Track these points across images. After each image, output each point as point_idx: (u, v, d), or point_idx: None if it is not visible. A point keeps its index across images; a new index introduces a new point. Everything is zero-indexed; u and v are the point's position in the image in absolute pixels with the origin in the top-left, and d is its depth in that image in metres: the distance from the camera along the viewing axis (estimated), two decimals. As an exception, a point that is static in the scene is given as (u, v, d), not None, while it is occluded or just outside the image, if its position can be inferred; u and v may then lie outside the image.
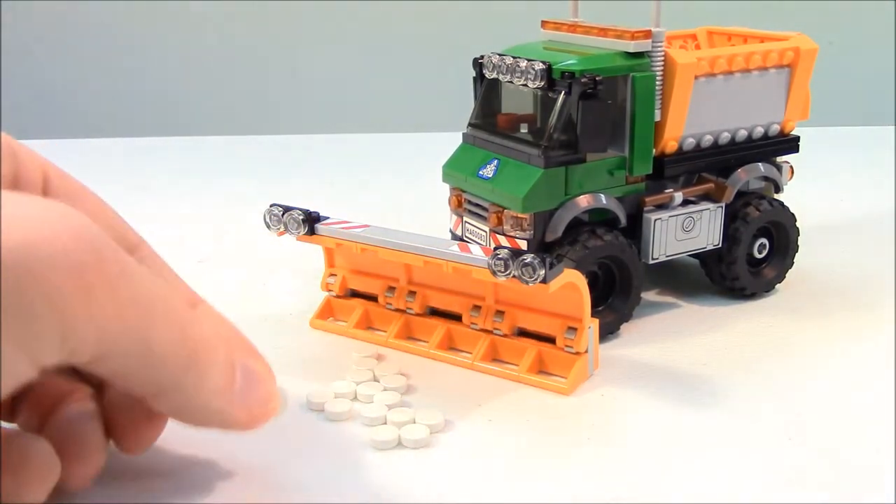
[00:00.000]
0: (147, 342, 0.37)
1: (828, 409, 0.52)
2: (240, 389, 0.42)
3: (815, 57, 0.66)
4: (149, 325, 0.37)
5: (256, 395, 0.43)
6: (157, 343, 0.37)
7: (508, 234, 0.59)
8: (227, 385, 0.41)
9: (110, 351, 0.36)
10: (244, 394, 0.42)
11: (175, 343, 0.38)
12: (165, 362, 0.38)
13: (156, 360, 0.37)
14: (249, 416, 0.43)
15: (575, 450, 0.48)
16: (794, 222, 0.69)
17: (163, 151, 1.17)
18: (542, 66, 0.58)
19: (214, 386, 0.40)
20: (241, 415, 0.42)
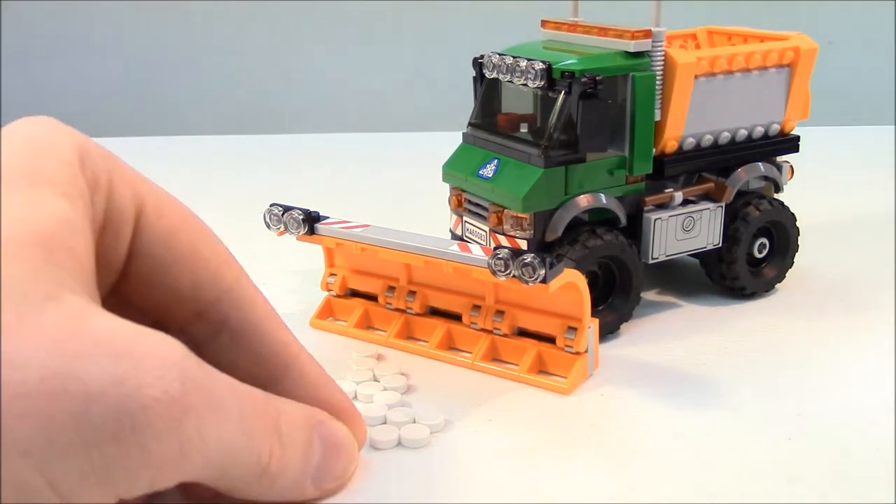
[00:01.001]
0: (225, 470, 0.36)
1: (828, 409, 0.52)
2: (316, 467, 0.41)
3: (815, 57, 0.66)
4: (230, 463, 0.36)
5: (333, 470, 0.42)
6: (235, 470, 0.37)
7: (508, 234, 0.59)
8: (303, 469, 0.40)
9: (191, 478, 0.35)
10: (320, 470, 0.41)
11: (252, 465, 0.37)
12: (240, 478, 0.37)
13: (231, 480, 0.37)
14: (322, 492, 0.42)
15: (575, 450, 0.48)
16: (794, 222, 0.68)
17: (163, 151, 1.17)
18: (542, 65, 0.58)
19: (289, 481, 0.39)
20: (314, 492, 0.41)
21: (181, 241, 0.40)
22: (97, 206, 0.37)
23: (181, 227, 0.40)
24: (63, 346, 0.31)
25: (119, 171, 0.38)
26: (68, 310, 0.32)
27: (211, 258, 0.40)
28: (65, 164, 0.35)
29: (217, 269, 0.41)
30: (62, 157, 0.36)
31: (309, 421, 0.41)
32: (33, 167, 0.35)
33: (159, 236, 0.39)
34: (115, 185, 0.38)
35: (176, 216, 0.40)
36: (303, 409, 0.41)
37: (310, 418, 0.41)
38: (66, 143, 0.37)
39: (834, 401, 0.53)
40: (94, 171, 0.37)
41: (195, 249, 0.40)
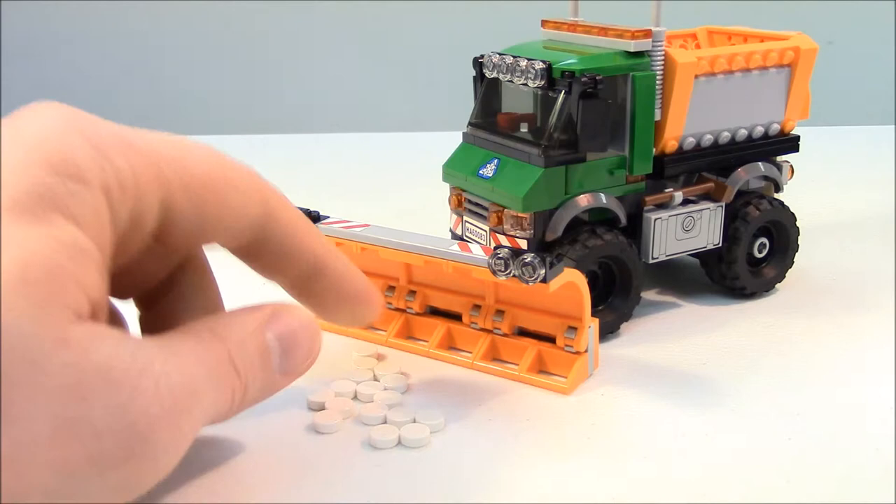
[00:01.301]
0: None
1: (828, 410, 0.52)
2: (279, 363, 0.43)
3: (815, 57, 0.66)
4: (208, 419, 0.40)
5: (297, 356, 0.44)
6: None
7: (508, 234, 0.59)
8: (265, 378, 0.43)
9: None
10: (284, 363, 0.44)
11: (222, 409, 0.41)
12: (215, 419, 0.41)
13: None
14: (295, 375, 0.45)
15: (575, 450, 0.48)
16: (794, 222, 0.68)
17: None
18: (542, 65, 0.58)
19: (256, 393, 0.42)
20: (286, 382, 0.44)
21: (208, 206, 0.41)
22: (120, 212, 0.37)
23: (207, 193, 0.41)
24: (69, 392, 0.33)
25: (141, 160, 0.38)
26: (73, 349, 0.33)
27: (237, 204, 0.42)
28: (77, 179, 0.36)
29: (244, 210, 0.43)
30: (74, 171, 0.36)
31: (258, 329, 0.42)
32: (43, 190, 0.35)
33: (188, 211, 0.40)
34: (139, 183, 0.38)
35: (200, 182, 0.41)
36: (249, 321, 0.43)
37: (258, 325, 0.43)
38: (79, 148, 0.36)
39: (834, 401, 0.53)
40: (117, 174, 0.37)
41: (222, 205, 0.42)
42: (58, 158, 0.36)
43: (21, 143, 0.36)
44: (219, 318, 0.42)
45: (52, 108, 0.39)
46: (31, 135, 0.37)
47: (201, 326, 0.41)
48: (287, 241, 0.45)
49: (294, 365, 0.44)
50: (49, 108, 0.39)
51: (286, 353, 0.44)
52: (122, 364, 0.35)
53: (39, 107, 0.39)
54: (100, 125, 0.38)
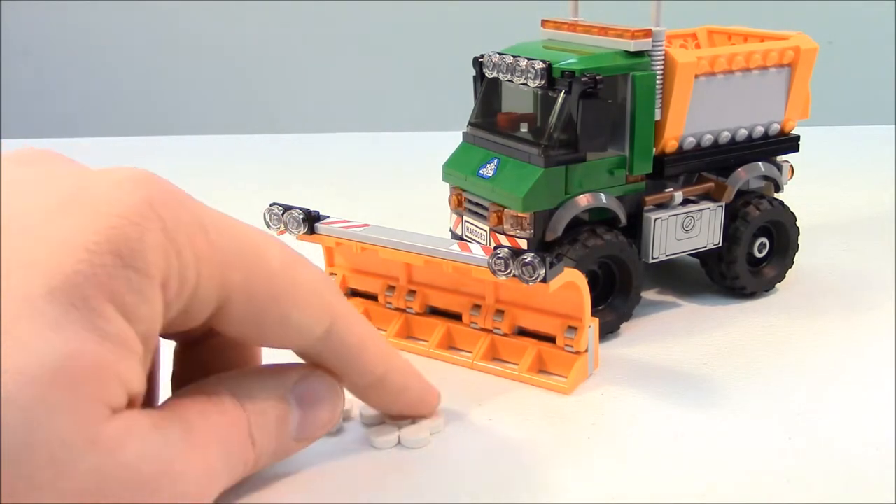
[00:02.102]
0: None
1: (828, 410, 0.52)
2: (296, 428, 0.43)
3: (815, 56, 0.66)
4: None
5: (316, 422, 0.44)
6: None
7: (508, 234, 0.59)
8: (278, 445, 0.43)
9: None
10: (302, 427, 0.43)
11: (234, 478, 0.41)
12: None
13: None
14: (309, 442, 0.45)
15: (575, 450, 0.48)
16: (794, 222, 0.68)
17: (163, 151, 1.17)
18: (542, 65, 0.58)
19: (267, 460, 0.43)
20: (300, 447, 0.44)
21: (268, 319, 0.40)
22: (173, 304, 0.37)
23: (269, 306, 0.40)
24: (90, 495, 0.33)
25: (210, 256, 0.37)
26: (102, 450, 0.34)
27: (300, 322, 0.41)
28: (142, 273, 0.35)
29: (307, 328, 0.42)
30: (141, 265, 0.35)
31: (281, 396, 0.42)
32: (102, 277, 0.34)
33: (244, 319, 0.40)
34: (201, 280, 0.37)
35: (265, 293, 0.40)
36: (274, 386, 0.42)
37: (283, 391, 0.43)
38: (152, 235, 0.35)
39: (834, 401, 0.53)
40: (182, 268, 0.36)
41: (283, 322, 0.41)
42: (126, 246, 0.34)
43: (93, 213, 0.35)
44: (244, 380, 0.42)
45: (135, 180, 0.36)
46: (107, 214, 0.35)
47: (224, 390, 0.41)
48: (348, 361, 0.44)
49: (311, 432, 0.44)
50: (132, 179, 0.36)
51: (305, 420, 0.43)
52: (145, 466, 0.35)
53: (121, 175, 0.37)
54: (180, 206, 0.37)
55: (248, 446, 0.40)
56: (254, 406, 0.41)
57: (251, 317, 0.40)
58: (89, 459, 0.33)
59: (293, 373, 0.44)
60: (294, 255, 0.42)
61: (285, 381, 0.43)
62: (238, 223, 0.40)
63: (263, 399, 0.41)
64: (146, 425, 0.36)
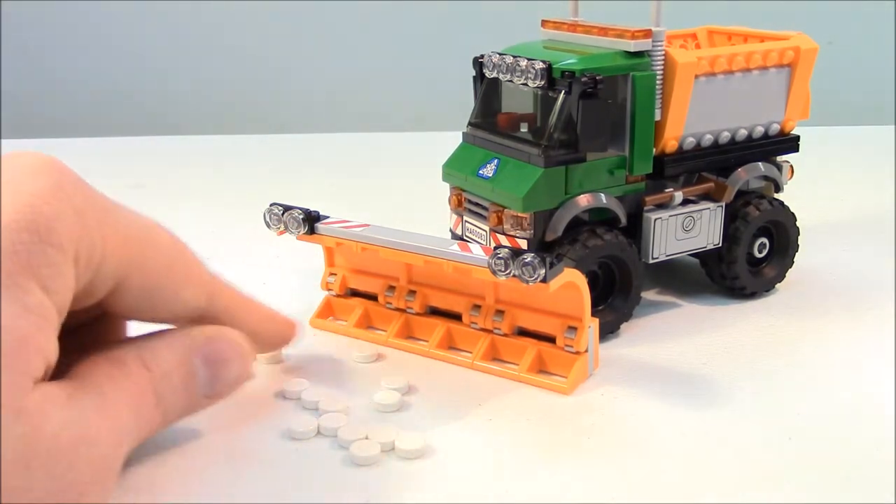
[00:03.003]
0: None
1: (828, 409, 0.52)
2: (204, 385, 0.45)
3: (815, 57, 0.66)
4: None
5: (223, 380, 0.46)
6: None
7: (508, 234, 0.59)
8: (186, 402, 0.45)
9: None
10: (210, 386, 0.46)
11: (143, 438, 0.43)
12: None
13: None
14: (218, 399, 0.47)
15: (575, 450, 0.48)
16: (794, 222, 0.68)
17: (162, 151, 1.17)
18: (542, 65, 0.58)
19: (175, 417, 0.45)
20: (209, 404, 0.46)
21: (161, 294, 0.44)
22: (80, 280, 0.39)
23: (163, 283, 0.44)
24: (17, 462, 0.35)
25: (113, 237, 0.41)
26: (28, 419, 0.35)
27: (188, 295, 0.45)
28: (57, 247, 0.37)
29: (193, 300, 0.46)
30: (56, 240, 0.37)
31: (186, 357, 0.45)
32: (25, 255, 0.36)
33: (138, 295, 0.43)
34: (105, 258, 0.40)
35: (159, 271, 0.44)
36: (179, 348, 0.45)
37: (187, 352, 0.45)
38: (65, 215, 0.38)
39: (834, 401, 0.53)
40: (91, 246, 0.39)
41: (174, 296, 0.45)
42: (43, 224, 0.37)
43: (10, 200, 0.37)
44: (150, 343, 0.44)
45: (44, 164, 0.40)
46: (22, 194, 0.38)
47: (132, 356, 0.43)
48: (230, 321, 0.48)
49: (219, 390, 0.46)
50: (41, 164, 0.40)
51: (213, 379, 0.46)
52: (65, 435, 0.37)
53: (31, 160, 0.40)
54: (87, 192, 0.40)
55: (153, 405, 0.43)
56: (159, 368, 0.43)
57: (146, 292, 0.43)
58: (16, 430, 0.35)
59: (198, 334, 0.46)
60: (177, 238, 0.45)
61: (190, 342, 0.45)
62: (129, 209, 0.43)
63: (168, 360, 0.44)
64: (63, 395, 0.38)
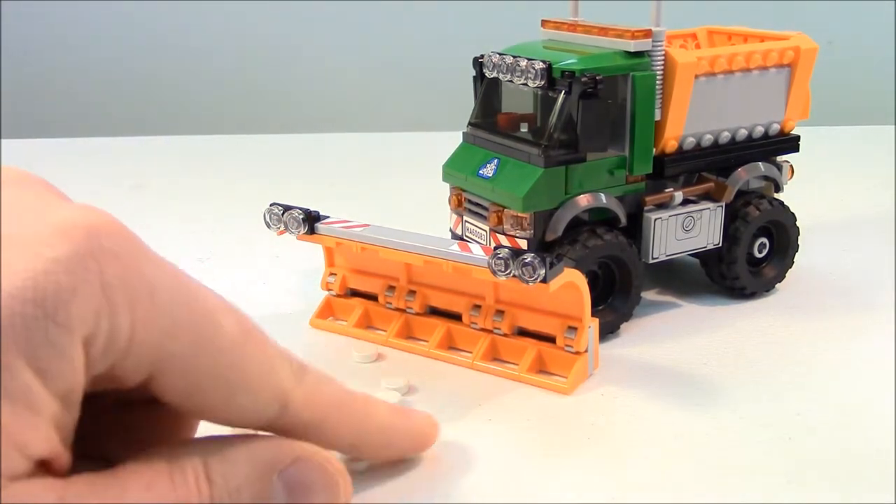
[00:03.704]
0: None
1: (828, 409, 0.52)
2: None
3: (815, 56, 0.66)
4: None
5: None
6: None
7: (508, 234, 0.59)
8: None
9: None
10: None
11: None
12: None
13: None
14: None
15: (575, 450, 0.48)
16: (794, 222, 0.68)
17: (163, 151, 1.17)
18: (542, 65, 0.58)
19: None
20: None
21: (210, 397, 0.36)
22: (98, 364, 0.33)
23: (210, 387, 0.36)
24: None
25: (149, 322, 0.34)
26: None
27: (247, 405, 0.38)
28: (63, 327, 0.31)
29: (254, 411, 0.38)
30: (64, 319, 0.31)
31: (264, 474, 0.37)
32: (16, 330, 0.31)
33: (181, 395, 0.36)
34: (132, 347, 0.33)
35: (206, 373, 0.36)
36: (258, 462, 0.38)
37: (267, 469, 0.38)
38: (84, 286, 0.32)
39: (834, 401, 0.53)
40: (112, 329, 0.33)
41: (227, 403, 0.37)
42: (54, 298, 0.31)
43: (25, 263, 0.31)
44: (221, 452, 0.37)
45: (84, 222, 0.33)
46: (42, 258, 0.32)
47: (195, 460, 0.36)
48: (308, 437, 0.40)
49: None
50: (81, 221, 0.33)
51: (294, 501, 0.38)
52: None
53: (73, 214, 0.33)
54: (129, 264, 0.33)
55: None
56: (226, 483, 0.36)
57: (189, 392, 0.36)
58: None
59: (285, 450, 0.38)
60: (250, 329, 0.38)
61: (273, 458, 0.38)
62: (196, 287, 0.36)
63: (240, 475, 0.37)
64: (50, 497, 0.32)
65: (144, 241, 0.35)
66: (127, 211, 0.48)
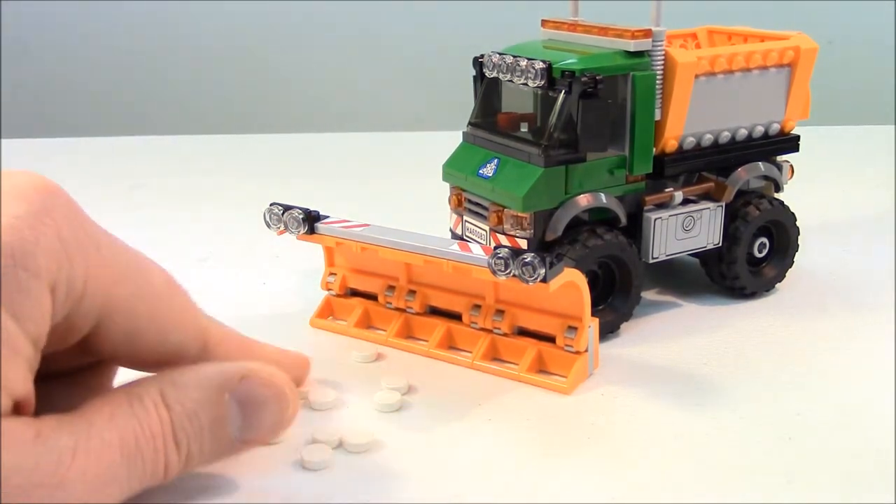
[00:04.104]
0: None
1: (828, 409, 0.52)
2: (239, 428, 0.42)
3: (815, 56, 0.66)
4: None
5: (262, 422, 0.42)
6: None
7: (508, 233, 0.59)
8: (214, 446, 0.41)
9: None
10: (246, 428, 0.42)
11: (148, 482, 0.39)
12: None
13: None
14: (257, 443, 0.43)
15: (575, 450, 0.48)
16: (794, 221, 0.68)
17: (163, 151, 1.17)
18: (542, 65, 0.58)
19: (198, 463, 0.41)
20: (246, 448, 0.43)
21: (146, 337, 0.41)
22: (58, 312, 0.37)
23: (150, 326, 0.41)
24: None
25: (99, 271, 0.38)
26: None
27: (177, 342, 0.43)
28: (33, 273, 0.35)
29: (183, 348, 0.43)
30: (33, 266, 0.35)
31: (216, 396, 0.41)
32: (6, 283, 0.35)
33: (122, 336, 0.40)
34: (86, 293, 0.38)
35: (147, 313, 0.41)
36: (208, 385, 0.41)
37: (218, 391, 0.41)
38: (46, 239, 0.36)
39: (834, 401, 0.53)
40: (71, 277, 0.37)
41: (161, 341, 0.42)
42: (20, 247, 0.35)
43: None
44: (174, 382, 0.41)
45: (36, 187, 0.38)
46: (6, 216, 0.36)
47: (152, 391, 0.40)
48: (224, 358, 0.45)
49: (256, 435, 0.42)
50: (34, 186, 0.38)
51: (248, 423, 0.42)
52: (15, 479, 0.34)
53: (24, 180, 0.38)
54: (77, 222, 0.38)
55: (172, 448, 0.39)
56: (182, 408, 0.40)
57: (130, 334, 0.40)
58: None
59: (234, 371, 0.42)
60: (171, 279, 0.43)
61: (223, 379, 0.42)
62: (125, 244, 0.41)
63: (195, 399, 0.40)
64: (29, 433, 0.35)
65: (144, 240, 0.38)
66: (127, 211, 0.48)
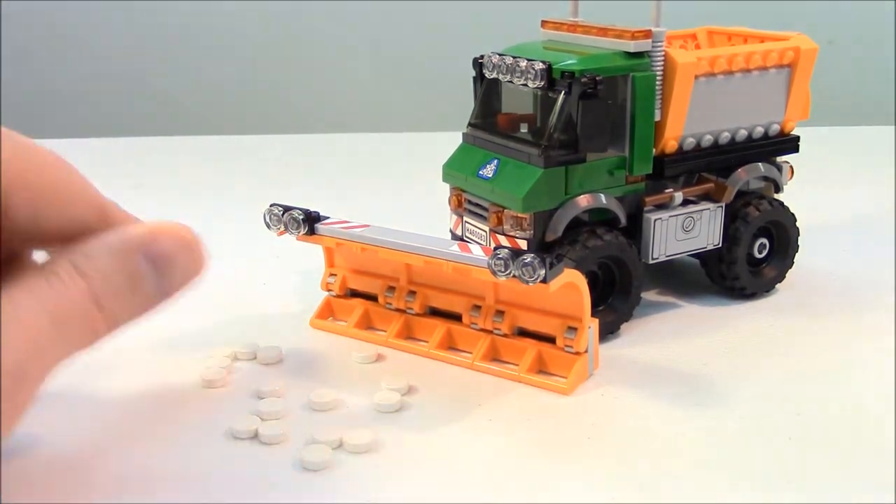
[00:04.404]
0: None
1: (828, 409, 0.52)
2: (156, 285, 0.43)
3: (815, 57, 0.66)
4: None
5: (176, 276, 0.44)
6: None
7: (508, 234, 0.59)
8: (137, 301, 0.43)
9: None
10: (163, 284, 0.44)
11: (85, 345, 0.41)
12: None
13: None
14: (177, 293, 0.45)
15: (575, 450, 0.48)
16: (794, 222, 0.69)
17: (163, 151, 1.17)
18: (542, 65, 0.58)
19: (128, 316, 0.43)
20: (167, 300, 0.44)
21: (50, 209, 0.42)
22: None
23: (50, 198, 0.42)
24: None
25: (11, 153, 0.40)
26: None
27: (78, 215, 0.44)
28: None
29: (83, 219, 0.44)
30: None
31: (128, 257, 0.43)
32: None
33: (25, 213, 0.42)
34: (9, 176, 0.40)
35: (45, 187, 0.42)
36: (119, 248, 0.43)
37: (129, 252, 0.43)
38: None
39: (834, 401, 0.53)
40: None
41: (63, 213, 0.43)
42: None
43: None
44: (83, 251, 0.42)
45: None
46: None
47: (63, 264, 0.41)
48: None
49: (171, 285, 0.44)
50: None
51: (162, 276, 0.44)
52: None
53: None
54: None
55: (93, 310, 0.41)
56: (97, 273, 0.41)
57: (33, 209, 0.42)
58: None
59: (137, 231, 0.44)
60: (64, 160, 0.44)
61: (129, 240, 0.43)
62: (9, 131, 0.42)
63: (107, 264, 0.42)
64: None
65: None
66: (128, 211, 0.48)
